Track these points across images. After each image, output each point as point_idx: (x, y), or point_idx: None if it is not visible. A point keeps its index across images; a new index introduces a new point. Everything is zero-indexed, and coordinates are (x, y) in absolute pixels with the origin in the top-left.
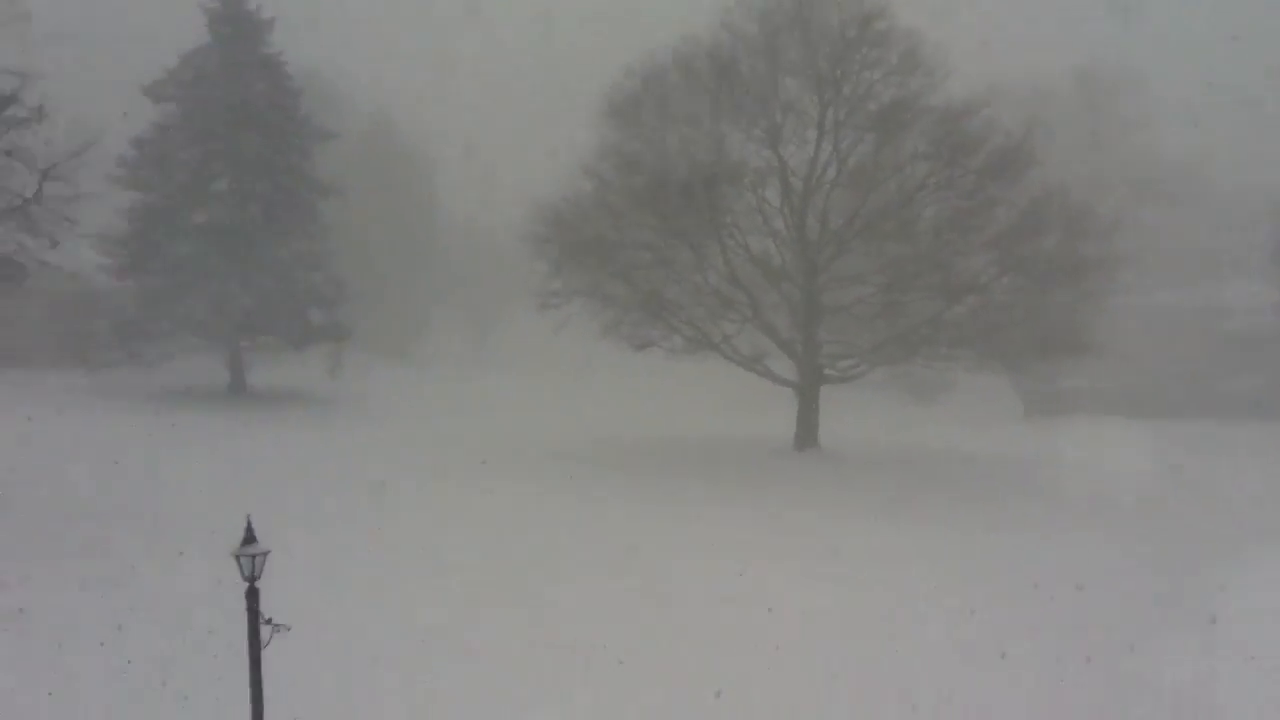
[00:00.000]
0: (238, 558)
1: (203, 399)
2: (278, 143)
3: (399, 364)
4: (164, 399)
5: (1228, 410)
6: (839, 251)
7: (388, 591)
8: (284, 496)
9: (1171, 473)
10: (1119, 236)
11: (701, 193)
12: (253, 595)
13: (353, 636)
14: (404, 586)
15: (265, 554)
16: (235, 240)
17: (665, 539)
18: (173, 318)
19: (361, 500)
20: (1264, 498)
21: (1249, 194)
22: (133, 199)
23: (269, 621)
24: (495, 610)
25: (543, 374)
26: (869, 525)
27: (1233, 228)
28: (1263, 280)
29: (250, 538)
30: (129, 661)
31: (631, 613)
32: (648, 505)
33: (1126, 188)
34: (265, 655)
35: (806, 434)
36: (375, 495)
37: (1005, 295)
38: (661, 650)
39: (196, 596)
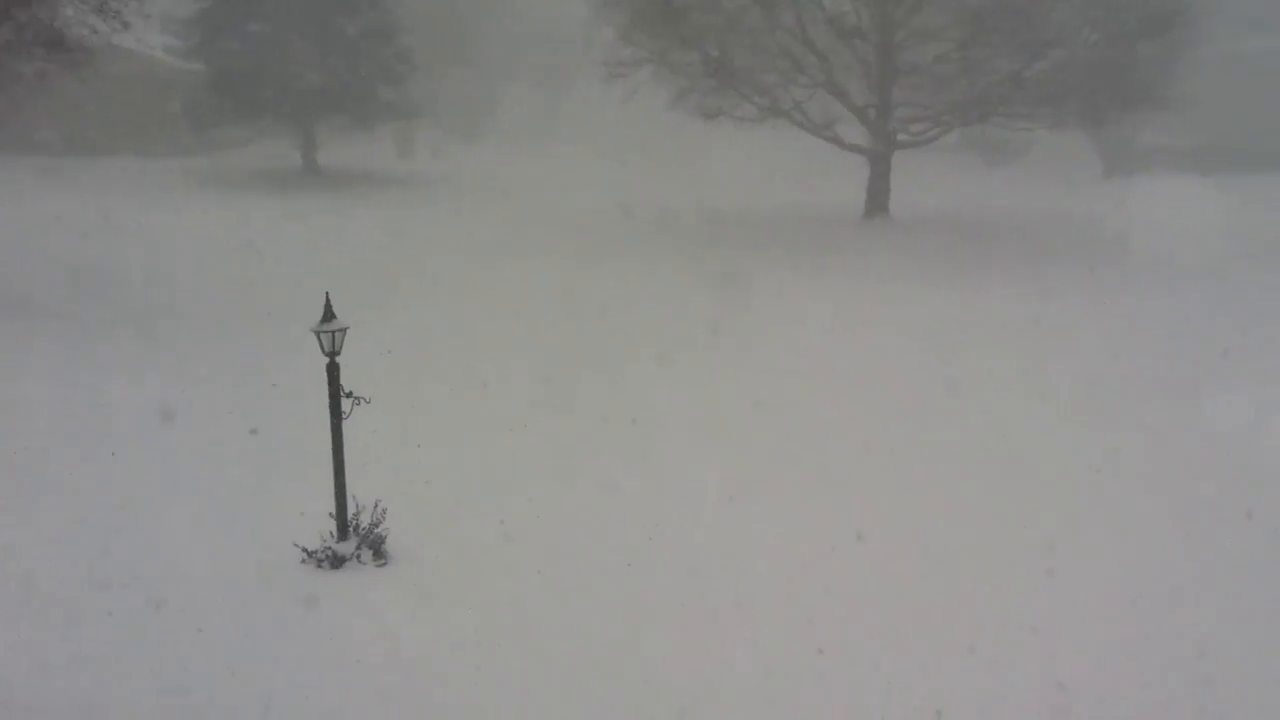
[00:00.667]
0: (318, 334)
1: (274, 182)
2: None
3: (469, 141)
4: (236, 183)
5: None
6: (916, 6)
7: (468, 374)
8: (363, 275)
9: (1242, 231)
10: None
11: None
12: (333, 369)
13: (430, 415)
14: (482, 368)
15: (344, 329)
16: (304, 16)
17: (728, 311)
18: (242, 99)
19: (444, 281)
20: None
21: None
22: None
23: (350, 394)
24: (577, 389)
25: (613, 146)
26: (926, 293)
27: None
28: None
29: (329, 314)
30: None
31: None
32: (711, 280)
33: None
34: (345, 426)
35: (876, 202)
36: (459, 275)
37: (1088, 49)
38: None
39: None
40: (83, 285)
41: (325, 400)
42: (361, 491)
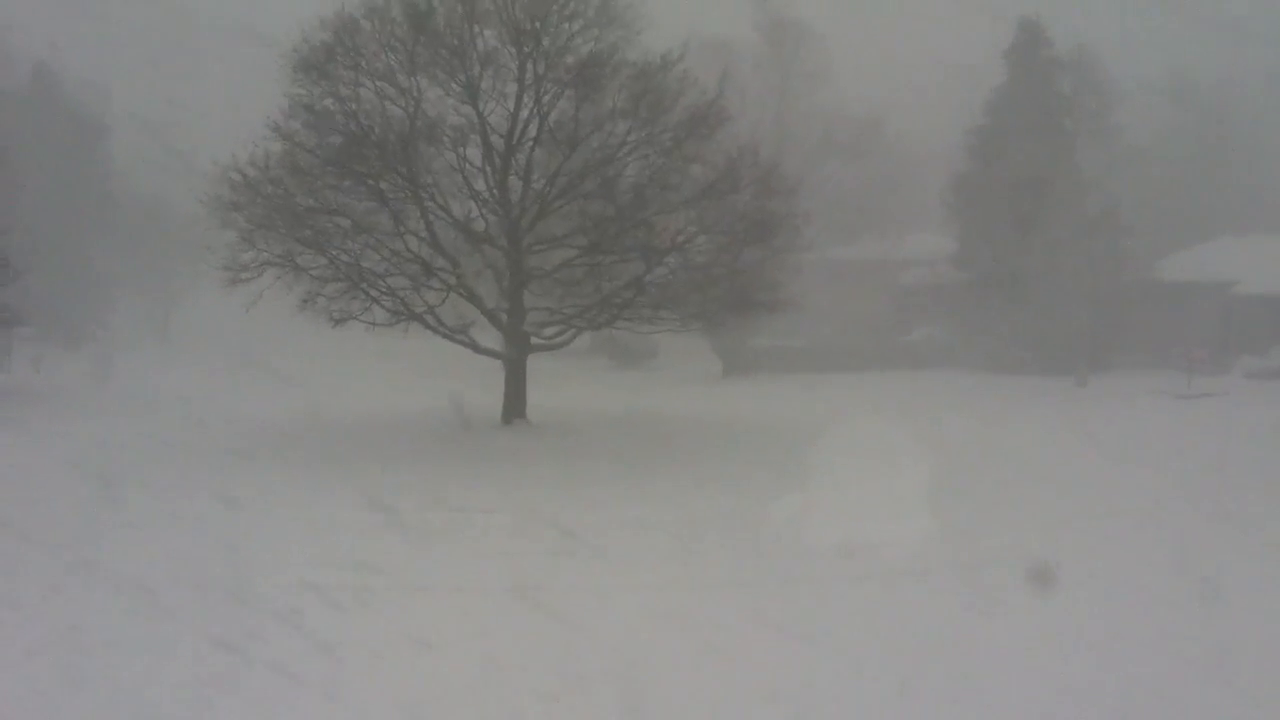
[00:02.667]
0: None
1: None
2: None
3: (75, 352)
4: None
5: (909, 360)
6: (542, 213)
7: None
8: None
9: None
10: (804, 194)
11: (398, 151)
12: None
13: None
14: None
15: None
16: None
17: (356, 532)
18: None
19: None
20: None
21: (925, 148)
22: None
23: None
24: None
25: (232, 356)
26: (576, 495)
27: (909, 183)
28: (939, 233)
29: None
30: None
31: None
32: (341, 500)
33: (810, 143)
34: None
35: (514, 406)
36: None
37: (702, 255)
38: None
39: None
40: None
41: None
42: None
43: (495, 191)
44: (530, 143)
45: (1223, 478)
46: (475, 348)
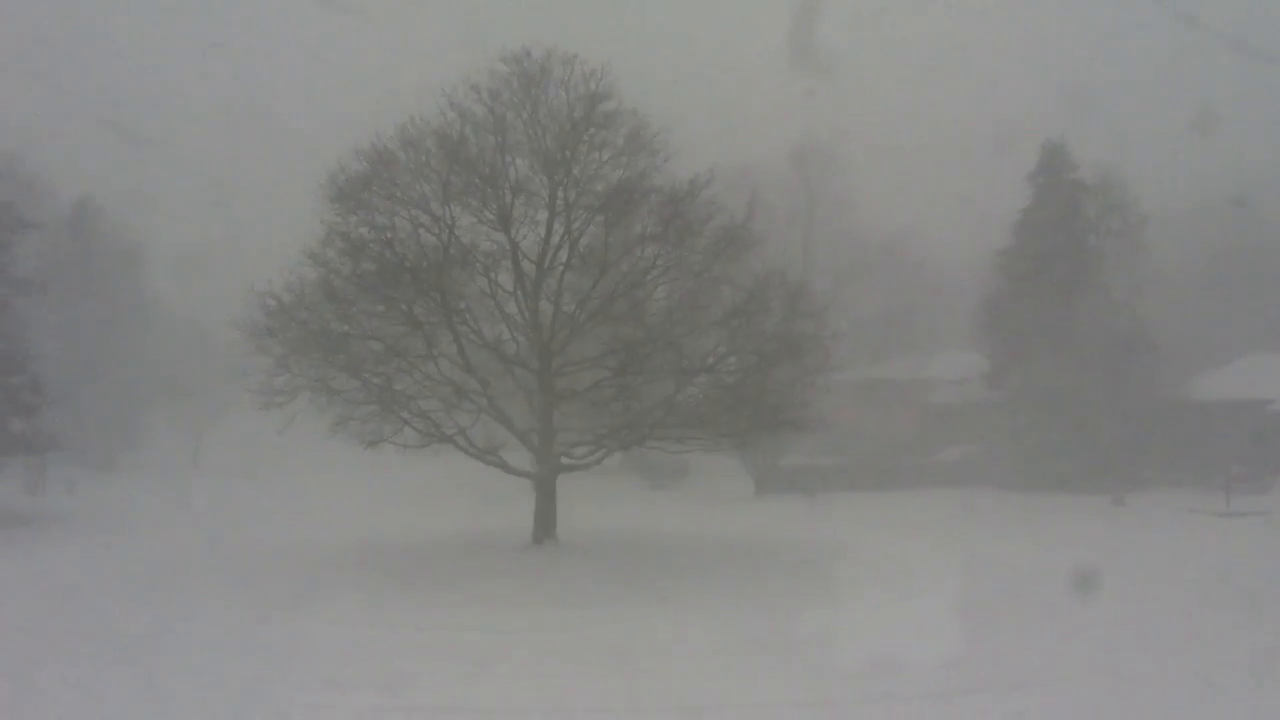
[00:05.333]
0: None
1: None
2: None
3: (108, 476)
4: None
5: (940, 479)
6: (572, 335)
7: None
8: None
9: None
10: (832, 314)
11: (432, 278)
12: None
13: None
14: None
15: None
16: None
17: (404, 652)
18: None
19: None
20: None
21: (952, 269)
22: None
23: None
24: None
25: (266, 479)
26: (605, 613)
27: (937, 303)
28: (969, 350)
29: None
30: None
31: None
32: (375, 621)
33: (837, 265)
34: None
35: (544, 526)
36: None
37: (732, 375)
38: None
39: None
40: None
41: None
42: None
43: (526, 314)
44: (561, 267)
45: (1265, 599)
46: (506, 468)
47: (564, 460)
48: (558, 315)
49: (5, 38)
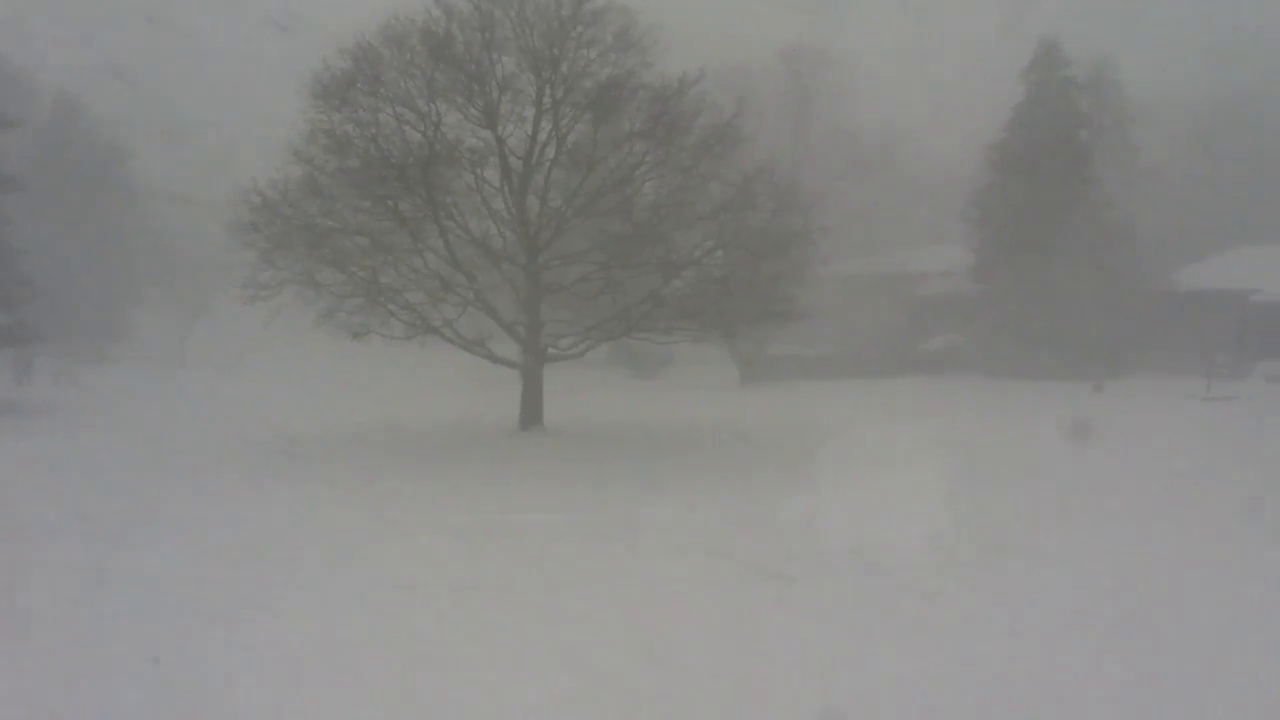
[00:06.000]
0: None
1: None
2: None
3: (96, 367)
4: None
5: (926, 367)
6: (559, 230)
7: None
8: None
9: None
10: (820, 210)
11: (418, 174)
12: None
13: None
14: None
15: None
16: None
17: (388, 529)
18: None
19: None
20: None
21: (942, 165)
22: None
23: None
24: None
25: (254, 369)
26: (592, 496)
27: (926, 198)
28: (957, 245)
29: None
30: None
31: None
32: (363, 499)
33: (828, 161)
34: None
35: (531, 414)
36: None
37: (720, 269)
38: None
39: None
40: None
41: None
42: None
43: (513, 210)
44: (549, 164)
45: (1240, 471)
46: (493, 358)
47: (550, 351)
48: (545, 211)
49: None
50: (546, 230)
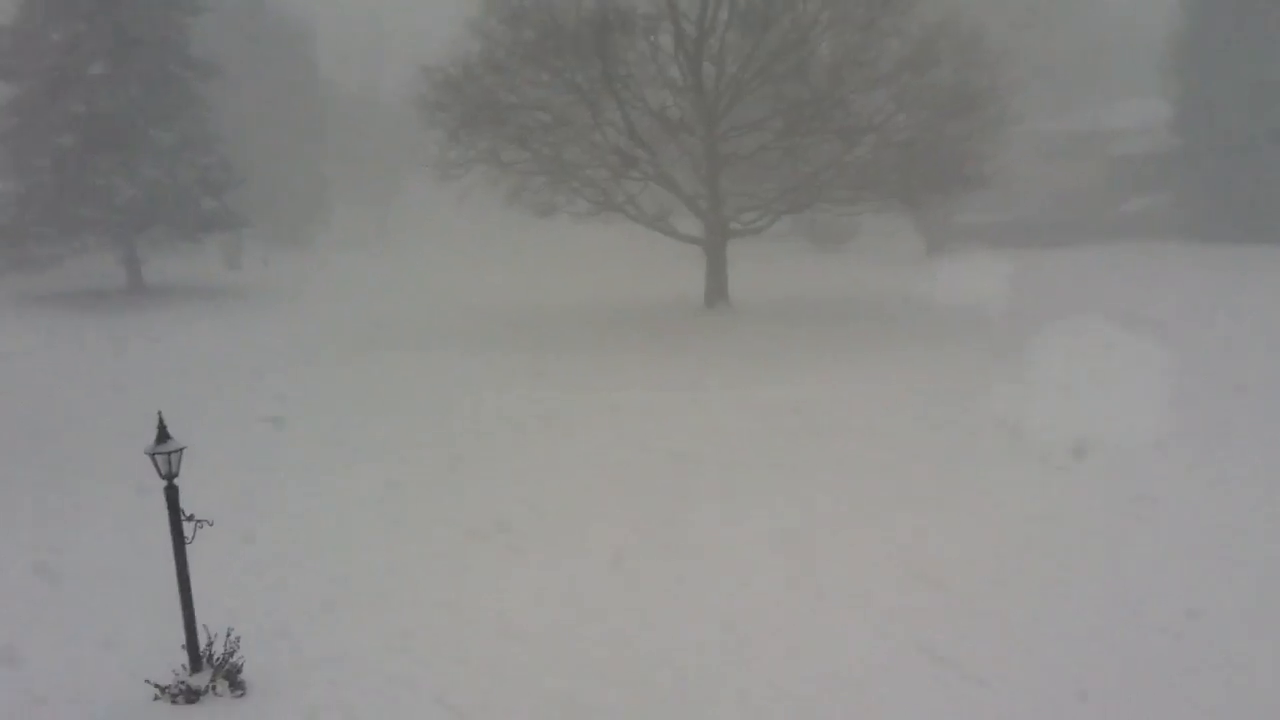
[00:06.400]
0: (153, 456)
1: (101, 300)
2: (152, 17)
3: (298, 250)
4: (60, 302)
5: (1123, 232)
6: (737, 97)
7: (314, 476)
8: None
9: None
10: (1007, 65)
11: (592, 42)
12: (172, 492)
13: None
14: (329, 472)
15: (180, 450)
16: (117, 128)
17: (591, 403)
18: (59, 217)
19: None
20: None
21: (1136, 11)
22: (2, 93)
23: (190, 517)
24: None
25: (448, 248)
26: (784, 371)
27: (1120, 48)
28: (1152, 99)
29: (164, 435)
30: None
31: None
32: (562, 375)
33: (1014, 11)
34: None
35: (716, 290)
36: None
37: (902, 133)
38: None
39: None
40: None
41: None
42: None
43: (689, 78)
44: (722, 27)
45: None
46: (675, 234)
47: (732, 225)
48: (721, 77)
49: None
50: (724, 98)
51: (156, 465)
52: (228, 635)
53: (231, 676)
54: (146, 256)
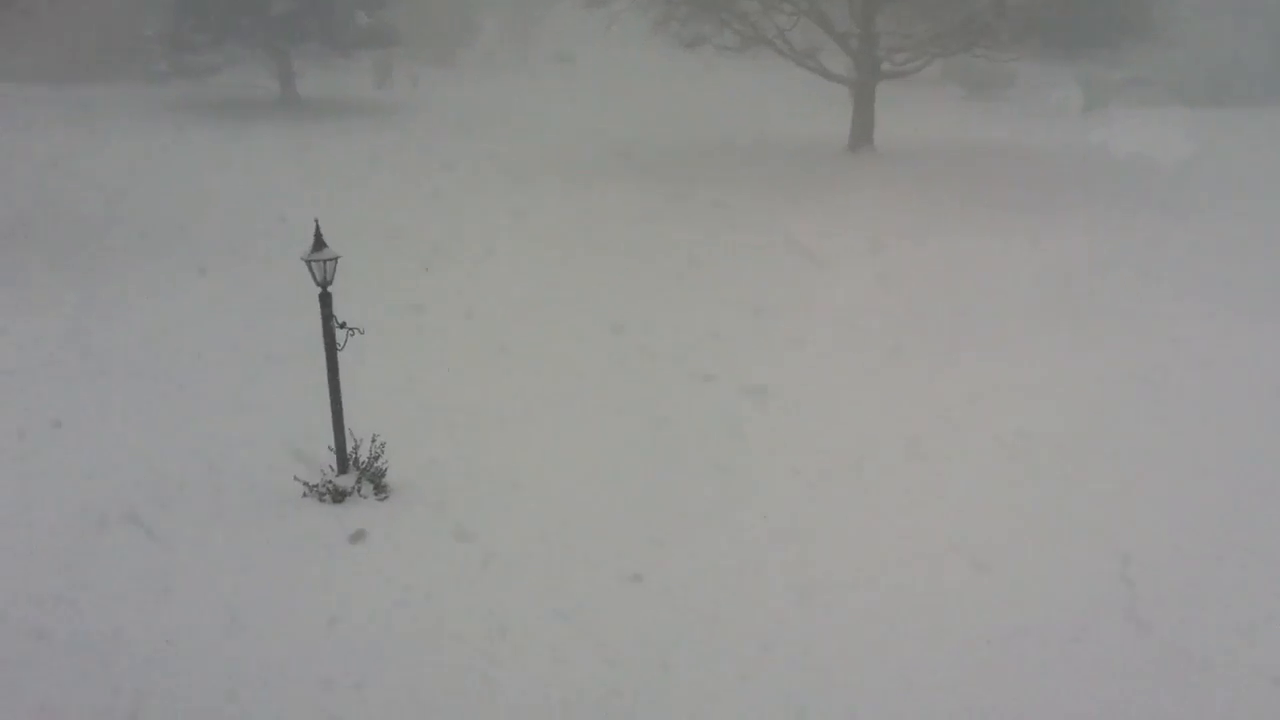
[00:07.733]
0: (309, 263)
1: (256, 110)
2: None
3: (445, 69)
4: (216, 111)
5: None
6: None
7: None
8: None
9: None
10: None
11: None
12: (326, 300)
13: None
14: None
15: (335, 259)
16: None
17: (715, 244)
18: (215, 26)
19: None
20: None
21: None
22: None
23: (343, 325)
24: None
25: (592, 77)
26: (921, 223)
27: None
28: None
29: (320, 243)
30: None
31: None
32: (697, 209)
33: None
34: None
35: (862, 133)
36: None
37: None
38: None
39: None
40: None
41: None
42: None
43: None
44: None
45: None
46: (824, 73)
47: (884, 66)
48: None
49: None
50: None
51: (312, 272)
52: (373, 441)
53: (376, 480)
54: (301, 71)
